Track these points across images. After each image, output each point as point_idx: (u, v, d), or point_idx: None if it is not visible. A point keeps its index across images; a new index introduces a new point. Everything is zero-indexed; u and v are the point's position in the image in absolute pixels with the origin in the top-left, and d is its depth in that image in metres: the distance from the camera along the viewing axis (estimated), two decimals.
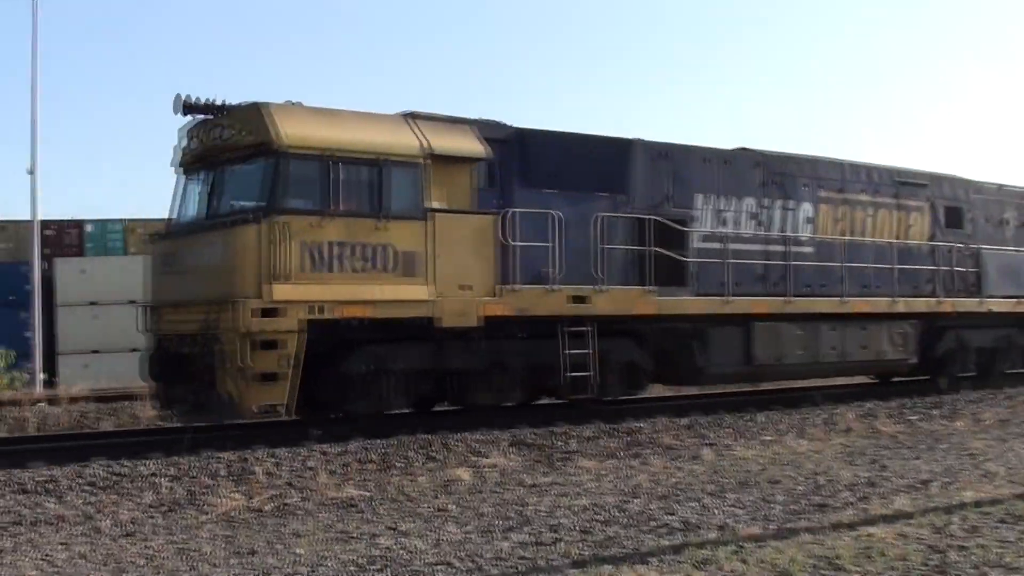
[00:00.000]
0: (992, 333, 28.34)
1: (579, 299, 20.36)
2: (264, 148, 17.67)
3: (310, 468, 15.12)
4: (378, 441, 16.86)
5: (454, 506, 12.40)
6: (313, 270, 17.60)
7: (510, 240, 19.48)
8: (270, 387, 17.21)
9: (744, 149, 24.38)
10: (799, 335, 23.66)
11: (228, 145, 18.28)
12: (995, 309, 28.01)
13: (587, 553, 9.58)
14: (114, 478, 14.32)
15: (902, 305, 25.73)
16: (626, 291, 21.07)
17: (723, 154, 23.66)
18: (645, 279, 21.28)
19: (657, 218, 21.44)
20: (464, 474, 14.72)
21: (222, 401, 17.44)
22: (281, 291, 17.28)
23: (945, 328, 27.15)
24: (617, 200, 21.36)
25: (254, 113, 17.93)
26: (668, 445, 17.91)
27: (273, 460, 15.45)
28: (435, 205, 18.95)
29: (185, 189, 19.54)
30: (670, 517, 11.34)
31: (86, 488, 13.84)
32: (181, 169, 19.51)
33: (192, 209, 19.22)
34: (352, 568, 9.33)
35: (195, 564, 9.68)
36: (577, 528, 10.84)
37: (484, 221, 19.50)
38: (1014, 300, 28.54)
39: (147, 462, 15.18)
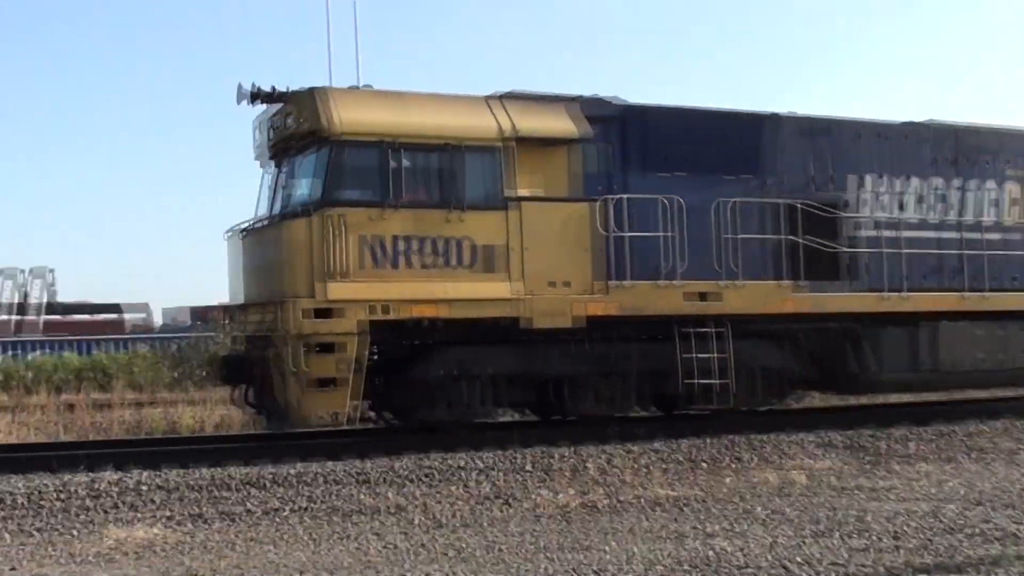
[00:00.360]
0: None
1: (702, 296, 18.06)
2: (318, 136, 16.42)
3: (644, 467, 15.17)
4: (705, 440, 16.68)
5: (789, 508, 12.12)
6: (374, 267, 16.19)
7: (615, 230, 17.44)
8: (329, 393, 15.91)
9: (911, 123, 21.02)
10: (982, 336, 20.24)
11: (290, 134, 17.10)
12: None
13: (929, 562, 9.12)
14: (452, 469, 14.68)
15: None
16: (763, 286, 18.59)
17: (885, 128, 20.57)
18: (785, 272, 18.73)
19: (802, 203, 18.77)
20: (798, 476, 14.30)
21: (281, 408, 16.45)
22: (337, 290, 15.96)
23: None
24: (751, 183, 18.87)
25: (310, 99, 16.53)
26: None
27: (604, 456, 15.53)
28: (520, 193, 17.20)
29: (262, 182, 18.42)
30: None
31: (423, 479, 14.26)
32: (259, 163, 18.35)
33: (265, 204, 18.03)
34: (686, 567, 9.22)
35: (531, 556, 9.86)
36: (915, 535, 10.33)
37: (581, 209, 17.44)
38: None
39: (483, 455, 15.42)
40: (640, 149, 18.21)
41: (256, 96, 16.83)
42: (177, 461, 15.05)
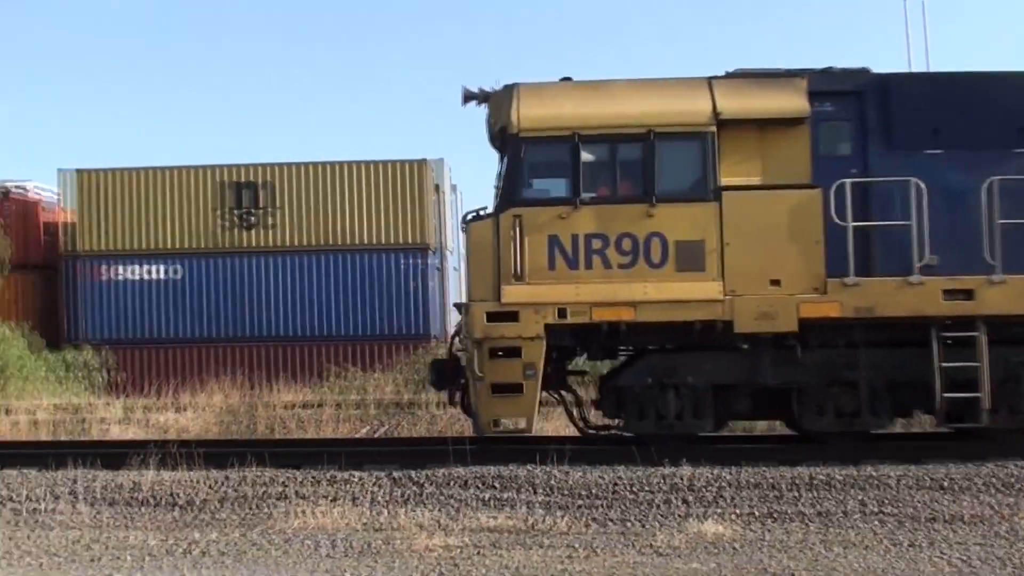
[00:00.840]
0: None
1: (960, 293, 15.30)
2: (506, 133, 15.98)
3: None
4: None
5: None
6: (565, 268, 15.49)
7: (845, 220, 15.21)
8: (507, 400, 15.47)
9: None
10: None
11: (493, 134, 16.72)
12: None
13: None
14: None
15: None
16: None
17: None
18: None
19: None
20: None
21: (472, 414, 16.33)
22: (518, 292, 15.49)
23: None
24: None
25: (503, 96, 16.14)
26: None
27: None
28: (730, 182, 15.60)
29: None
30: None
31: (1005, 489, 13.64)
32: None
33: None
34: None
35: None
36: None
37: (804, 197, 15.48)
38: None
39: None
40: (893, 125, 15.92)
41: (469, 98, 16.55)
42: (751, 458, 14.99)
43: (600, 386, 16.75)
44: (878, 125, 16.05)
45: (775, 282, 15.48)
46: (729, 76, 16.19)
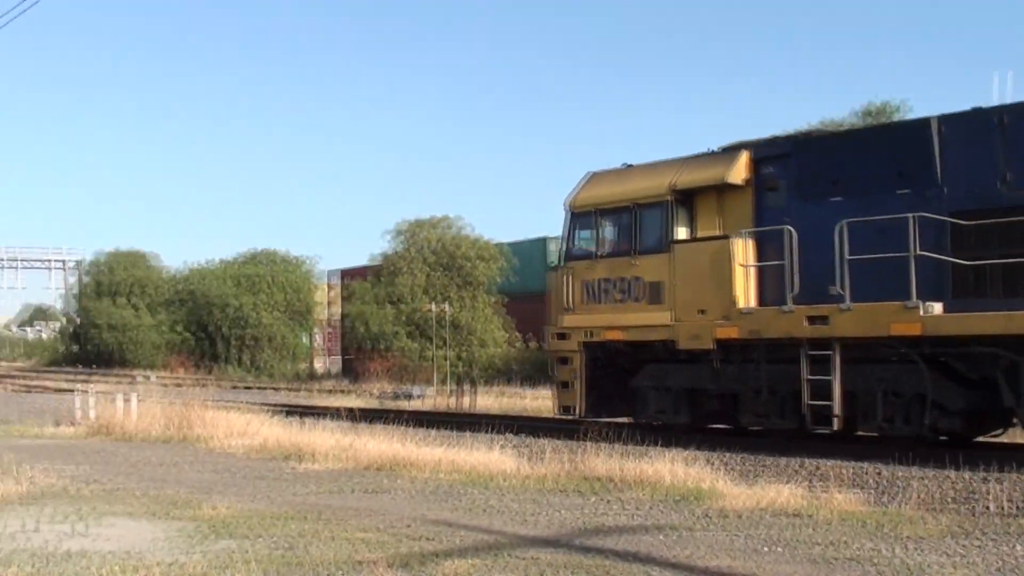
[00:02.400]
0: None
1: (818, 319, 17.89)
2: (565, 209, 22.94)
3: None
4: None
5: None
6: (591, 302, 21.92)
7: (745, 261, 19.17)
8: (567, 393, 22.47)
9: None
10: None
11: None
12: None
13: None
14: None
15: None
16: (877, 308, 17.13)
17: None
18: (950, 290, 16.82)
19: (971, 209, 16.46)
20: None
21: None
22: (568, 319, 22.41)
23: None
24: (914, 197, 17.19)
25: (580, 181, 23.14)
26: None
27: None
28: (680, 236, 20.54)
29: None
30: None
31: None
32: None
33: None
34: None
35: None
36: None
37: (719, 245, 19.67)
38: None
39: None
40: (804, 178, 18.99)
41: None
42: None
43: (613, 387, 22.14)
44: (796, 180, 19.25)
45: (702, 311, 19.87)
46: (696, 156, 20.80)
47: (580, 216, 22.59)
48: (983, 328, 16.09)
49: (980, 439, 18.24)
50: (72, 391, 37.21)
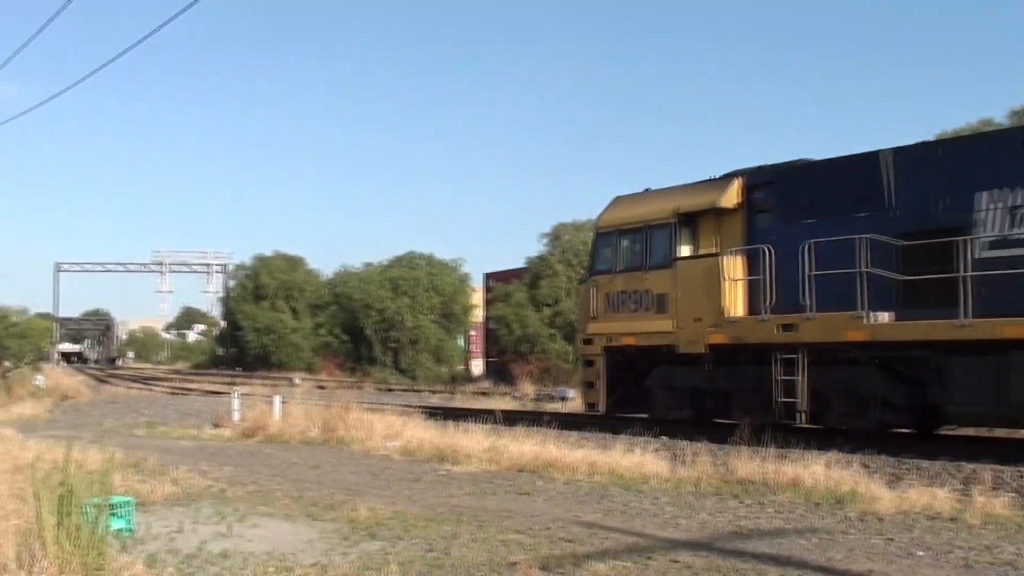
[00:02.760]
0: None
1: (787, 327, 20.12)
2: (594, 229, 26.40)
3: None
4: None
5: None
6: (612, 312, 24.23)
7: (731, 276, 21.30)
8: (592, 392, 25.05)
9: None
10: None
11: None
12: None
13: None
14: None
15: None
16: (833, 317, 19.27)
17: (1010, 133, 19.14)
18: (900, 301, 18.62)
19: (916, 230, 18.36)
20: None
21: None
22: (593, 327, 24.86)
23: None
24: (872, 220, 19.14)
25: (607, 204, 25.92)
26: None
27: None
28: (683, 254, 22.68)
29: None
30: None
31: None
32: None
33: None
34: None
35: None
36: None
37: (711, 262, 21.83)
38: None
39: None
40: (782, 203, 21.14)
41: None
42: None
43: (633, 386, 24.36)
44: (779, 204, 21.38)
45: (697, 319, 22.12)
46: (699, 182, 22.96)
47: (604, 235, 25.33)
48: (914, 334, 18.19)
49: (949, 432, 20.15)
50: (222, 393, 38.29)
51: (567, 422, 23.32)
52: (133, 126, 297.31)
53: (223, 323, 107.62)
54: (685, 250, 22.68)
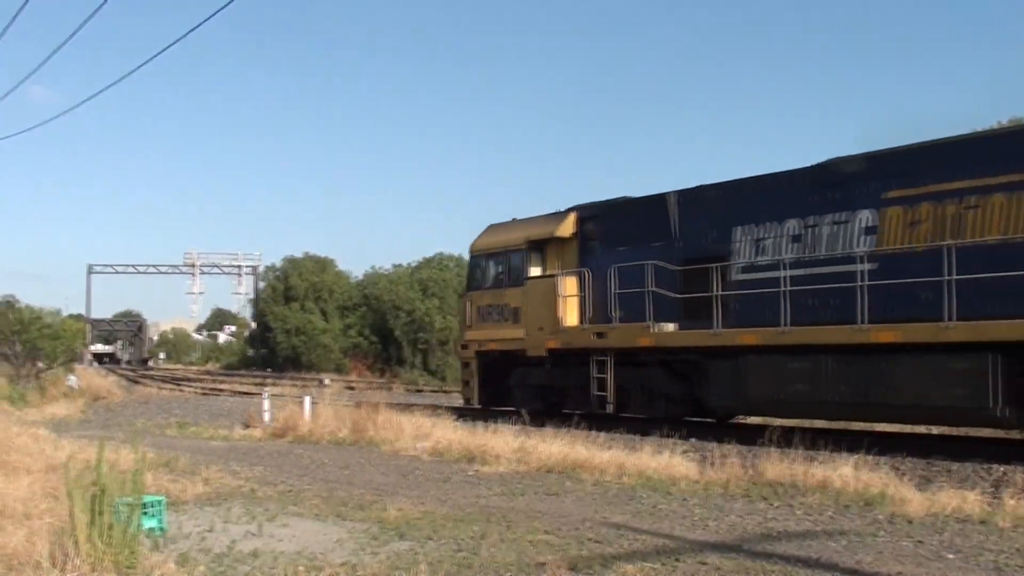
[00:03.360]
0: None
1: (600, 334, 24.55)
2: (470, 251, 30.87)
3: None
4: None
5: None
6: (480, 322, 28.95)
7: (564, 293, 25.64)
8: (468, 389, 29.91)
9: (793, 171, 21.14)
10: (797, 369, 19.87)
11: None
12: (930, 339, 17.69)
13: None
14: None
15: (961, 332, 17.20)
16: (631, 327, 23.70)
17: (763, 179, 21.76)
18: (683, 315, 22.75)
19: (693, 257, 22.42)
20: None
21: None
22: (468, 334, 29.72)
23: None
24: (663, 248, 23.42)
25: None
26: None
27: None
28: (533, 274, 27.38)
29: None
30: None
31: None
32: None
33: None
34: None
35: None
36: None
37: (550, 282, 26.37)
38: None
39: None
40: (600, 233, 25.78)
41: None
42: None
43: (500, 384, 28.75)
44: (601, 234, 25.94)
45: (540, 328, 26.68)
46: (545, 215, 27.65)
47: (475, 258, 30.10)
48: (683, 341, 22.65)
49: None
50: (252, 394, 38.46)
51: (596, 422, 22.66)
52: (164, 129, 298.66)
53: (253, 324, 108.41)
54: (535, 271, 27.51)
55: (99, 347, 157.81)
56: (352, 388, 44.37)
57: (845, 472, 14.88)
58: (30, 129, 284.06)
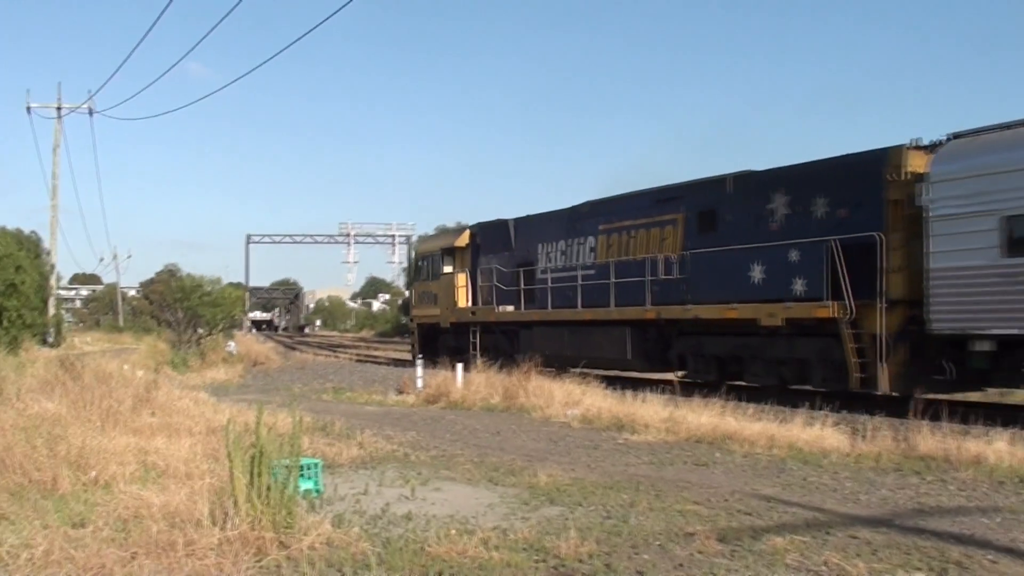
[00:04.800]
0: (732, 341, 25.80)
1: (473, 313, 36.93)
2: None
3: None
4: None
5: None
6: (421, 303, 41.27)
7: (459, 285, 37.77)
8: (413, 349, 41.81)
9: (570, 208, 32.81)
10: (555, 334, 31.77)
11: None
12: (701, 316, 26.17)
13: None
14: None
15: (614, 313, 29.37)
16: (486, 309, 35.99)
17: (552, 213, 33.54)
18: (515, 303, 34.57)
19: (520, 263, 34.46)
20: None
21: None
22: (415, 311, 42.63)
23: (681, 333, 27.46)
24: (507, 257, 35.35)
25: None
26: None
27: None
28: (446, 271, 38.99)
29: None
30: None
31: None
32: None
33: None
34: None
35: None
36: None
37: (449, 277, 38.45)
38: (726, 305, 25.21)
39: None
40: (482, 244, 37.25)
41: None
42: None
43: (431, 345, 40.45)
44: (483, 245, 37.28)
45: (448, 309, 38.47)
46: (454, 228, 45.32)
47: (416, 258, 43.61)
48: (504, 318, 34.71)
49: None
50: (405, 361, 39.92)
51: (745, 393, 22.51)
52: (319, 101, 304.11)
53: (407, 293, 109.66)
54: (447, 269, 39.02)
55: (257, 314, 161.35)
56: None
57: (1000, 447, 14.50)
58: (192, 104, 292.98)
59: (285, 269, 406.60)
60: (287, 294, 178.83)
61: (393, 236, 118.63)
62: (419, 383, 28.42)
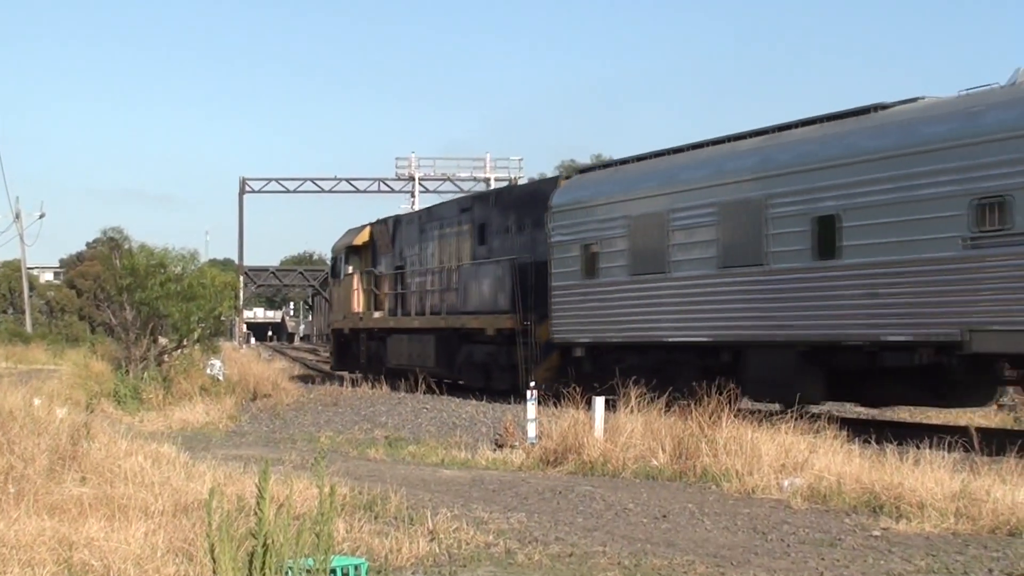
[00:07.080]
0: (485, 349, 41.09)
1: (362, 319, 50.81)
2: None
3: None
4: None
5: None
6: (334, 308, 61.30)
7: (357, 287, 51.12)
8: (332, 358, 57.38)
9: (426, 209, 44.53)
10: (404, 341, 50.50)
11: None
12: (415, 325, 47.01)
13: None
14: None
15: (425, 322, 47.48)
16: (365, 314, 51.76)
17: (413, 214, 50.35)
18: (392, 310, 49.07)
19: (400, 266, 47.46)
20: None
21: None
22: (330, 317, 60.49)
23: (462, 341, 43.34)
24: (391, 258, 49.08)
25: None
26: None
27: None
28: (346, 272, 50.15)
29: None
30: None
31: None
32: None
33: None
34: None
35: None
36: None
37: (349, 279, 51.79)
38: (438, 316, 45.28)
39: None
40: (378, 243, 52.72)
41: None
42: None
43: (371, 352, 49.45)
44: (380, 243, 51.91)
45: (345, 316, 53.73)
46: (357, 227, 54.33)
47: (334, 255, 57.70)
48: (375, 324, 54.50)
49: None
50: (506, 393, 37.96)
51: None
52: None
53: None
54: (348, 270, 47.26)
55: (259, 313, 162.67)
56: None
57: None
58: None
59: (301, 238, 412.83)
60: (310, 278, 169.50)
61: (488, 180, 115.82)
62: (531, 430, 23.92)
